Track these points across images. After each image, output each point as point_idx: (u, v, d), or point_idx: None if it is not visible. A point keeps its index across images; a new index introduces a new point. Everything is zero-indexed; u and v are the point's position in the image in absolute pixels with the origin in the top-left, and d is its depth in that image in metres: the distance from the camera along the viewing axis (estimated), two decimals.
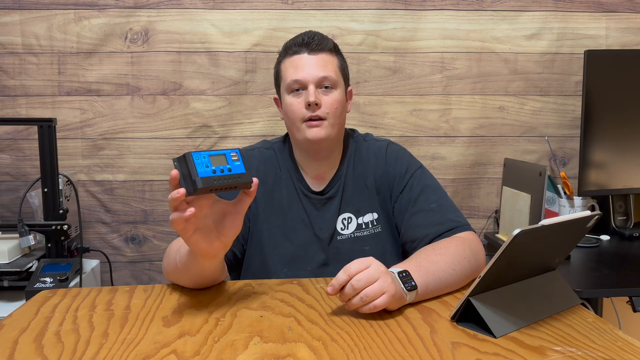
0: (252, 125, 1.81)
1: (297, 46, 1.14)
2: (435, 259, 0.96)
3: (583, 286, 1.28)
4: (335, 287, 0.83)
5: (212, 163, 0.79)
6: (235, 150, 0.83)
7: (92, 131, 1.78)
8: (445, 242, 1.04)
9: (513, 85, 1.84)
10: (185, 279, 0.97)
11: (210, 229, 0.84)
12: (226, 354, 0.72)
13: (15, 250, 1.51)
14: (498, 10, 1.81)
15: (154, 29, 1.75)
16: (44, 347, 0.75)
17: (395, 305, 0.85)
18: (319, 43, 1.13)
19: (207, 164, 0.78)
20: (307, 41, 1.13)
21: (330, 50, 1.15)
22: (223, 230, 0.85)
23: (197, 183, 0.76)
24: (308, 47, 1.13)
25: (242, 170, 0.82)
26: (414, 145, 1.84)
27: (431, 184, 1.17)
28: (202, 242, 0.83)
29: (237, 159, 0.82)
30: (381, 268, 0.85)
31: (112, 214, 1.82)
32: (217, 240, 0.85)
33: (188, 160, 0.77)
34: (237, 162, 0.82)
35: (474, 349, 0.73)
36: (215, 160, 0.80)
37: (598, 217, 0.87)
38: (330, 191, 1.19)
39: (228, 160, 0.81)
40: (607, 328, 0.80)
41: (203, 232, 0.83)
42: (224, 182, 0.79)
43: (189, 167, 0.77)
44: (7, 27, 1.73)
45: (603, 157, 1.69)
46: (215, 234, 0.84)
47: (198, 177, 0.76)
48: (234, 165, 0.81)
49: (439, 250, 0.99)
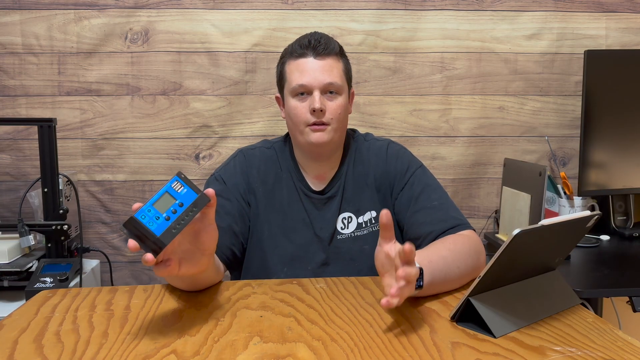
0: (252, 125, 1.81)
1: (302, 48, 1.12)
2: (445, 255, 0.95)
3: (583, 286, 1.28)
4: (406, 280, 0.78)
5: (160, 210, 0.73)
6: (175, 177, 0.76)
7: (92, 131, 1.78)
8: (453, 238, 1.03)
9: (513, 85, 1.84)
10: (181, 287, 0.97)
11: (192, 252, 0.82)
12: (226, 354, 0.72)
13: (15, 250, 1.51)
14: (498, 10, 1.81)
15: (154, 29, 1.75)
16: (44, 347, 0.75)
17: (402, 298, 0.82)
18: (325, 47, 1.12)
19: (156, 215, 0.73)
20: (313, 44, 1.12)
21: (337, 55, 1.14)
22: (203, 245, 0.82)
23: (159, 243, 0.72)
24: (314, 51, 1.12)
25: (193, 196, 0.76)
26: (414, 145, 1.84)
27: (432, 183, 1.17)
28: (191, 267, 0.82)
29: (182, 187, 0.76)
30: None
31: (112, 214, 1.82)
32: (202, 257, 0.83)
33: (137, 225, 0.72)
34: (183, 190, 0.76)
35: (474, 349, 0.73)
36: (160, 205, 0.74)
37: (598, 217, 0.87)
38: (330, 191, 1.19)
39: (174, 196, 0.75)
40: (607, 328, 0.80)
41: (187, 259, 0.81)
42: (183, 221, 0.75)
43: (142, 230, 0.72)
44: (7, 27, 1.73)
45: (603, 157, 1.69)
46: (199, 253, 0.82)
47: (157, 237, 0.72)
48: (182, 197, 0.76)
49: (449, 246, 0.99)
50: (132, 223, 0.72)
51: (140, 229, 0.72)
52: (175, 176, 0.77)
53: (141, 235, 0.72)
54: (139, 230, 0.72)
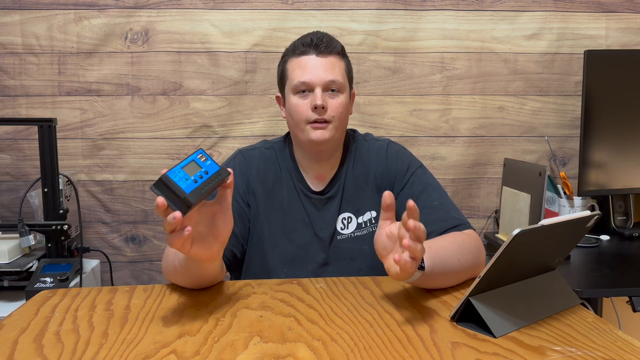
0: (252, 125, 1.81)
1: (305, 46, 1.12)
2: (445, 245, 0.96)
3: (583, 286, 1.28)
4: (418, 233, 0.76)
5: (189, 173, 0.77)
6: (199, 151, 0.81)
7: (92, 131, 1.78)
8: (454, 233, 1.04)
9: (513, 85, 1.84)
10: (185, 281, 0.97)
11: (205, 235, 0.83)
12: (226, 354, 0.72)
13: (15, 250, 1.51)
14: (498, 10, 1.81)
15: (154, 29, 1.76)
16: (44, 347, 0.75)
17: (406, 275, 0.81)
18: (327, 45, 1.12)
19: (185, 177, 0.76)
20: (315, 42, 1.12)
21: (339, 53, 1.15)
22: (217, 230, 0.84)
23: (189, 200, 0.74)
24: (316, 49, 1.12)
25: (216, 167, 0.81)
26: (414, 145, 1.84)
27: (432, 183, 1.17)
28: (202, 250, 0.83)
29: (206, 159, 0.81)
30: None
31: (112, 214, 1.82)
32: (215, 243, 0.84)
33: (168, 182, 0.74)
34: (207, 161, 0.81)
35: (474, 349, 0.73)
36: (189, 169, 0.77)
37: (598, 217, 0.87)
38: (330, 191, 1.19)
39: (200, 165, 0.79)
40: (607, 328, 0.80)
41: (200, 240, 0.82)
42: (208, 186, 0.78)
43: (172, 188, 0.74)
44: (7, 27, 1.73)
45: (603, 157, 1.69)
46: (212, 238, 0.84)
47: (187, 194, 0.74)
48: (207, 167, 0.80)
49: (449, 238, 1.00)
50: (164, 180, 0.74)
51: (171, 187, 0.74)
52: (199, 149, 0.82)
53: (170, 193, 0.74)
54: (169, 188, 0.74)
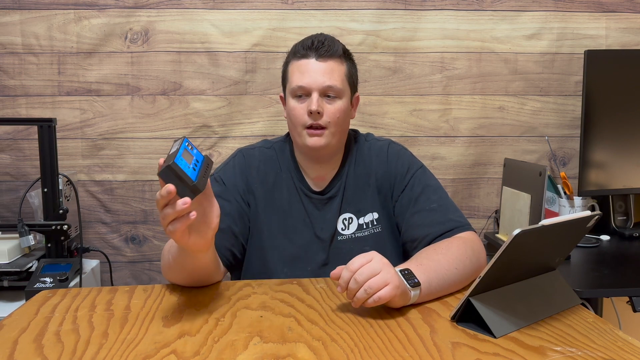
0: (252, 125, 1.81)
1: (305, 49, 1.12)
2: (438, 258, 0.96)
3: (583, 286, 1.28)
4: (342, 286, 0.84)
5: (187, 161, 0.78)
6: (185, 139, 0.82)
7: (92, 131, 1.78)
8: (446, 242, 1.04)
9: (513, 85, 1.84)
10: (181, 277, 0.97)
11: (199, 224, 0.84)
12: (226, 354, 0.72)
13: (15, 250, 1.51)
14: (498, 10, 1.81)
15: (154, 29, 1.75)
16: (44, 347, 0.75)
17: (400, 301, 0.85)
18: (328, 49, 1.11)
19: (187, 165, 0.77)
20: (316, 45, 1.11)
21: (340, 57, 1.14)
22: (207, 218, 0.85)
23: (197, 187, 0.76)
24: (317, 52, 1.11)
25: (201, 156, 0.83)
26: (414, 145, 1.84)
27: (432, 184, 1.17)
28: (199, 239, 0.84)
29: (192, 147, 0.81)
30: (383, 260, 0.85)
31: (112, 214, 1.82)
32: (208, 230, 0.85)
33: (177, 170, 0.75)
34: (194, 150, 0.82)
35: (474, 349, 0.73)
36: (186, 157, 0.78)
37: (598, 217, 0.87)
38: (331, 191, 1.19)
39: (192, 153, 0.80)
40: (607, 328, 0.80)
41: (195, 230, 0.83)
42: (205, 174, 0.79)
43: (181, 175, 0.75)
44: (7, 27, 1.73)
45: (603, 157, 1.69)
46: (204, 226, 0.85)
47: (194, 182, 0.76)
48: (196, 155, 0.81)
49: (441, 250, 0.99)
50: (173, 168, 0.74)
51: (180, 174, 0.75)
52: (185, 139, 0.82)
53: (178, 181, 0.75)
54: (178, 176, 0.75)
